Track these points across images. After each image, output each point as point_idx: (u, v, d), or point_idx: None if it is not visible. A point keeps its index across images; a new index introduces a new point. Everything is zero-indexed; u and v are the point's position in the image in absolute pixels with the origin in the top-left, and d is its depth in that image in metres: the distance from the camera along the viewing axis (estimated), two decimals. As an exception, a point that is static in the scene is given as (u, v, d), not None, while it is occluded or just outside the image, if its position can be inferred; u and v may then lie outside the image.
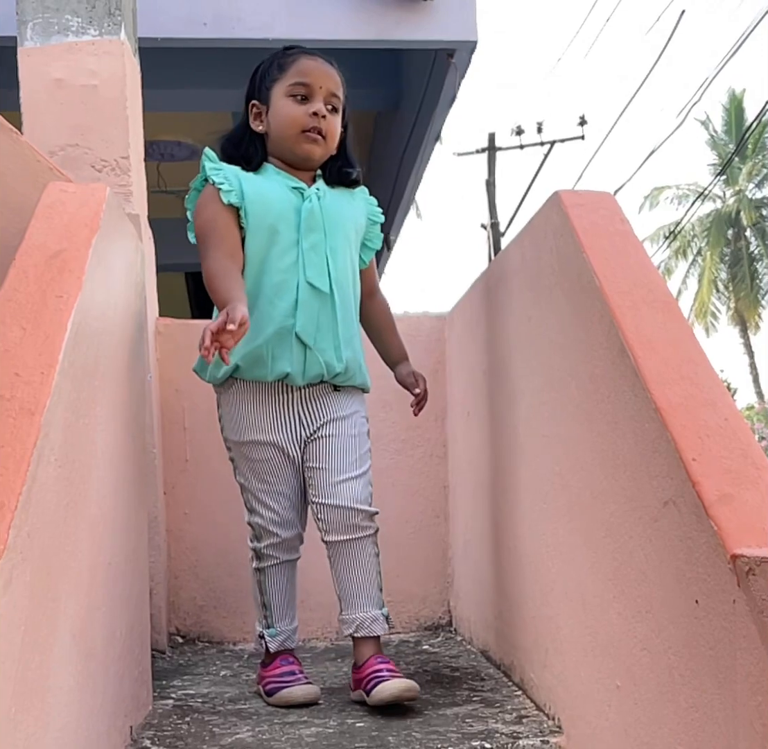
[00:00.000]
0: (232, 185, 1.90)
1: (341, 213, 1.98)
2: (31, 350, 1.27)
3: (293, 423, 1.97)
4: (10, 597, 1.03)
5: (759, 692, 1.02)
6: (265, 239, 1.91)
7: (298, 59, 1.96)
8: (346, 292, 1.98)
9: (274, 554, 2.03)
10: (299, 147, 1.94)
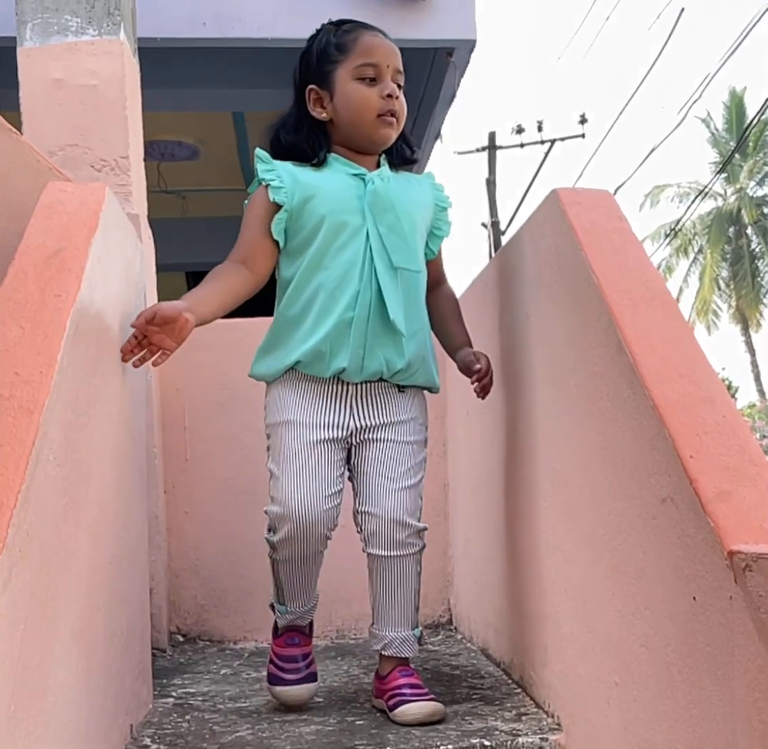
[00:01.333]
0: (283, 181, 1.80)
1: (407, 196, 1.87)
2: (30, 350, 1.27)
3: (344, 413, 1.84)
4: (9, 596, 1.03)
5: (757, 688, 1.02)
6: (323, 233, 1.80)
7: (360, 37, 1.82)
8: (414, 281, 1.86)
9: (292, 544, 1.82)
10: (376, 132, 1.82)
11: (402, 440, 1.85)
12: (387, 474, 1.83)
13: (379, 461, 1.84)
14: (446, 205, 1.98)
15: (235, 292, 1.82)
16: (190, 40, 3.62)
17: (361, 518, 1.85)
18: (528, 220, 1.93)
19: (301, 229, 1.81)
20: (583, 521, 1.61)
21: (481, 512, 2.41)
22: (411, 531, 1.83)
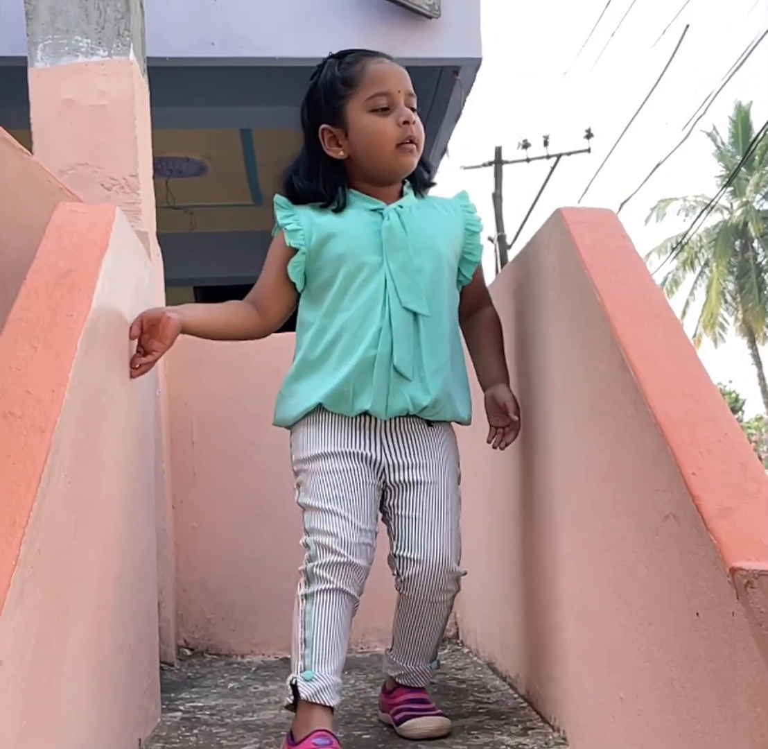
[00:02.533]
0: (300, 224, 1.76)
1: (428, 227, 1.80)
2: (42, 369, 1.29)
3: (375, 447, 1.76)
4: (21, 612, 1.05)
5: (758, 704, 1.03)
6: (342, 274, 1.74)
7: (366, 66, 1.75)
8: (436, 315, 1.77)
9: (328, 576, 1.66)
10: (397, 163, 1.76)
11: (438, 481, 1.79)
12: (427, 518, 1.76)
13: (418, 504, 1.76)
14: (477, 228, 1.89)
15: (232, 318, 1.80)
16: (198, 60, 3.66)
17: (400, 563, 1.76)
18: (532, 238, 1.95)
19: (321, 270, 1.77)
20: (588, 537, 1.62)
21: (487, 528, 2.42)
22: (452, 577, 1.78)
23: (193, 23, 3.59)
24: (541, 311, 1.89)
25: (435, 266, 1.78)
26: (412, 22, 3.64)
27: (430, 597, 1.77)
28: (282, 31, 3.66)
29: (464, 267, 1.87)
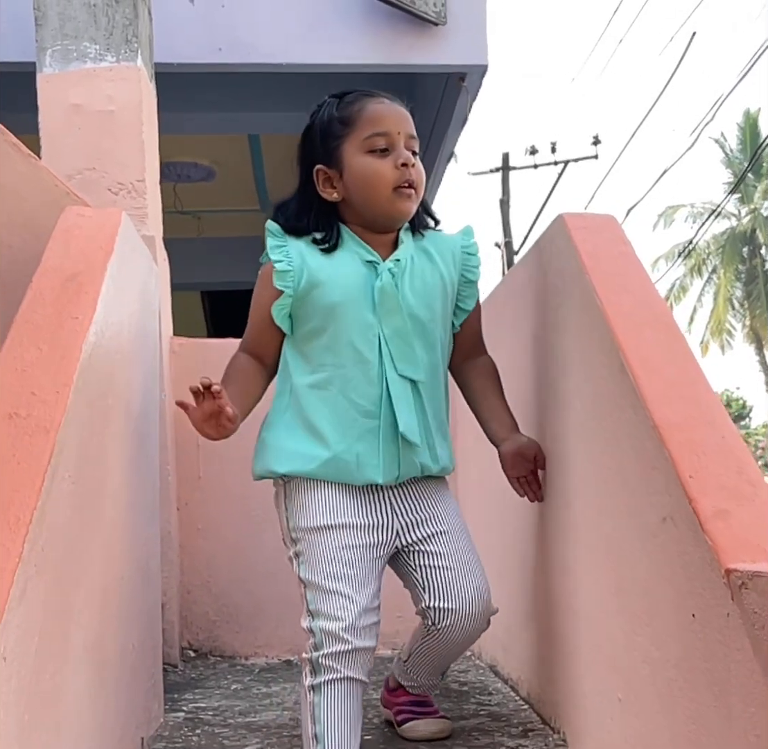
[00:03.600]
0: (291, 263, 1.64)
1: (424, 285, 1.69)
2: (47, 370, 1.31)
3: (385, 510, 1.67)
4: (24, 608, 1.07)
5: (752, 703, 1.04)
6: (335, 325, 1.63)
7: (365, 106, 1.65)
8: (433, 378, 1.70)
9: (336, 666, 1.56)
10: (394, 208, 1.64)
11: (453, 527, 1.72)
12: (456, 566, 1.68)
13: (445, 553, 1.69)
14: (474, 277, 1.77)
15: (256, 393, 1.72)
16: (206, 65, 3.68)
17: (436, 614, 1.68)
18: (535, 244, 1.97)
19: (309, 317, 1.65)
20: (588, 540, 1.63)
21: (489, 531, 2.43)
22: (486, 617, 1.72)
23: (201, 29, 3.61)
24: (543, 315, 1.91)
25: (430, 327, 1.69)
26: (419, 28, 3.66)
27: (466, 638, 1.72)
28: (289, 38, 3.67)
29: (455, 316, 1.77)
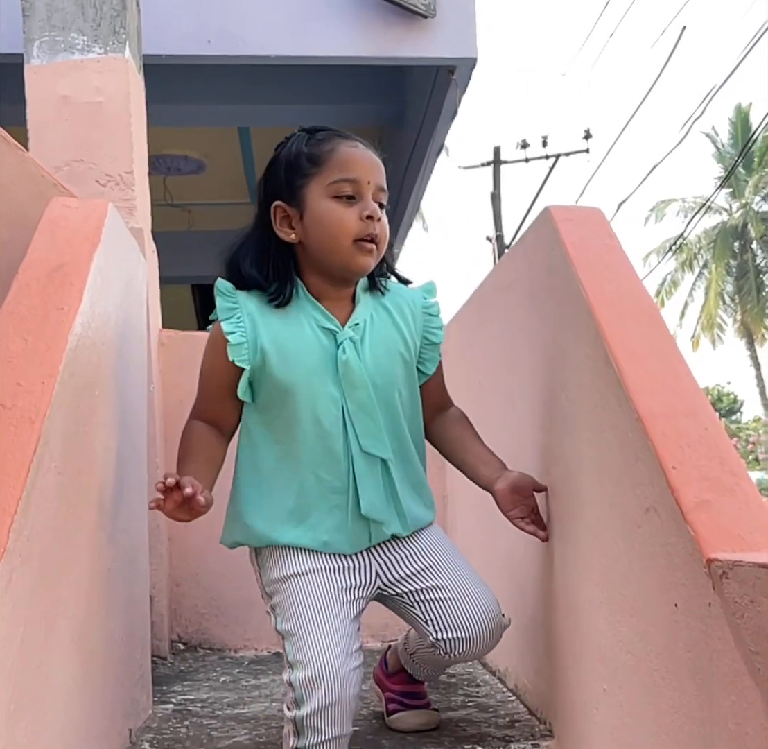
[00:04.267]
0: (244, 334, 1.55)
1: (386, 350, 1.62)
2: (33, 361, 1.31)
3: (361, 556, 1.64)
4: (9, 598, 1.07)
5: (733, 692, 1.05)
6: (294, 401, 1.55)
7: (337, 147, 1.56)
8: (404, 445, 1.64)
9: (320, 726, 1.47)
10: (352, 261, 1.55)
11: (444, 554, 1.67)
12: (458, 593, 1.63)
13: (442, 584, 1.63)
14: (437, 339, 1.70)
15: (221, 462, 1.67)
16: (195, 57, 3.67)
17: (448, 645, 1.62)
18: (522, 236, 1.97)
19: (269, 389, 1.58)
20: (573, 531, 1.64)
21: (478, 524, 2.44)
22: (500, 634, 1.67)
23: (190, 21, 3.61)
24: (530, 308, 1.91)
25: (394, 396, 1.62)
26: (408, 21, 3.66)
27: (481, 655, 1.69)
28: (278, 30, 3.67)
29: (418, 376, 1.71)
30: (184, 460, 1.61)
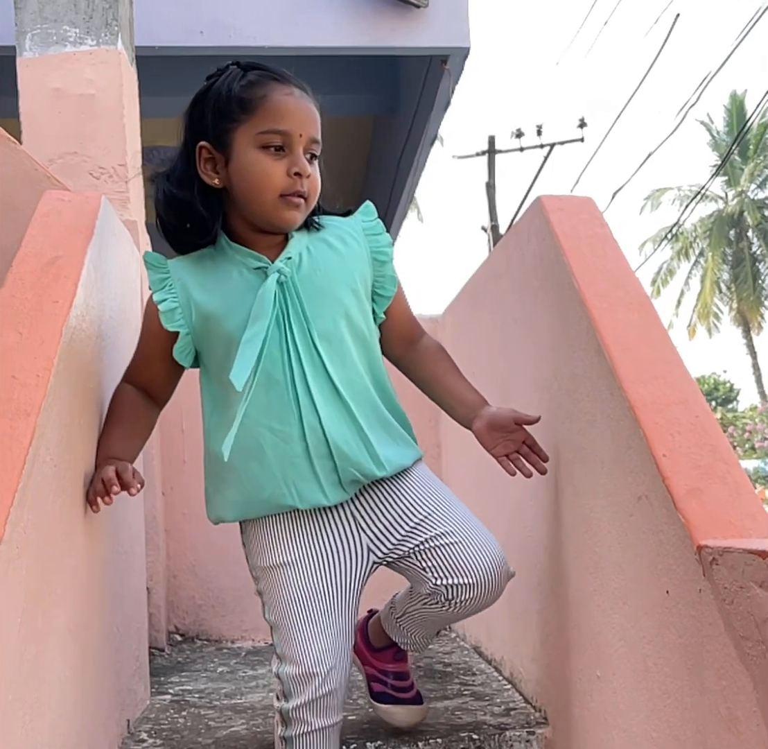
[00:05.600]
0: (176, 300, 1.50)
1: (330, 283, 1.51)
2: (28, 354, 1.32)
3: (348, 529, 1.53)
4: (7, 589, 1.08)
5: (724, 677, 1.06)
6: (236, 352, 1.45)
7: (270, 94, 1.45)
8: (358, 376, 1.52)
9: (308, 718, 1.47)
10: (276, 215, 1.47)
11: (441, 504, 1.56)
12: (460, 540, 1.51)
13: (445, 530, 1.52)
14: (386, 257, 1.58)
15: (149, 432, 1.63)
16: (187, 49, 3.67)
17: (450, 591, 1.50)
18: (514, 226, 1.98)
19: (212, 350, 1.51)
20: (566, 519, 1.65)
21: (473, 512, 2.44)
22: (506, 583, 1.55)
23: (182, 12, 3.60)
24: (523, 298, 1.92)
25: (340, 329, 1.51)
26: (401, 11, 3.65)
27: (482, 607, 1.55)
28: (271, 21, 3.67)
29: (376, 304, 1.60)
30: (109, 426, 1.58)
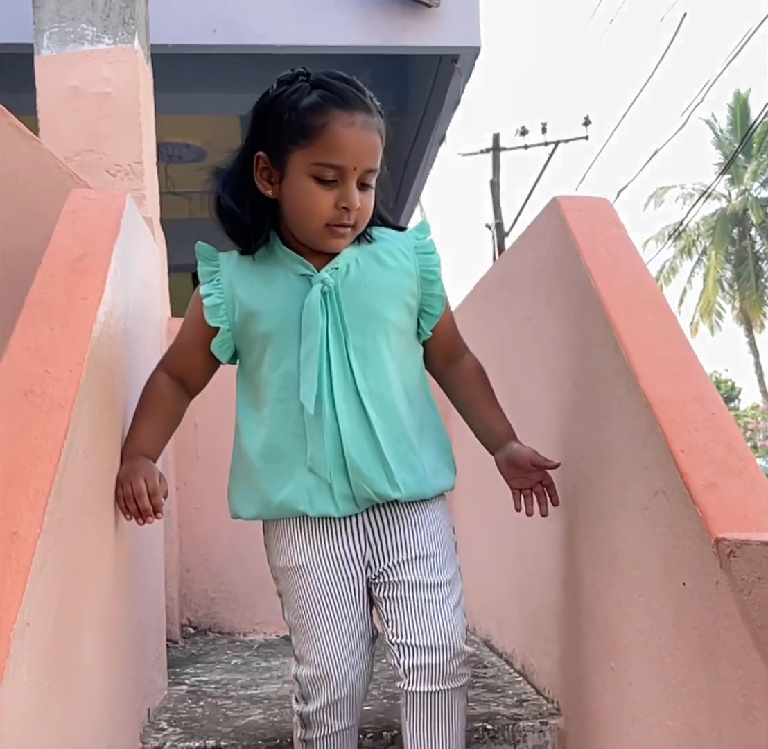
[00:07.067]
0: (221, 295, 1.52)
1: (375, 296, 1.51)
2: (60, 349, 1.35)
3: (357, 537, 1.52)
4: (44, 578, 1.11)
5: (740, 666, 1.09)
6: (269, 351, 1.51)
7: (329, 124, 1.41)
8: (390, 394, 1.51)
9: (327, 720, 1.49)
10: (321, 242, 1.48)
11: (434, 552, 1.54)
12: (426, 596, 1.49)
13: (414, 582, 1.50)
14: (434, 277, 1.57)
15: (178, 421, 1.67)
16: (201, 47, 3.70)
17: (399, 651, 1.48)
18: (529, 226, 2.01)
19: (250, 350, 1.54)
20: (582, 515, 1.68)
21: (481, 507, 2.48)
22: (461, 660, 1.49)
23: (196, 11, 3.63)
24: (537, 297, 1.95)
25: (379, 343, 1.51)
26: (412, 10, 3.68)
27: (436, 686, 1.47)
28: (283, 20, 3.69)
29: (423, 321, 1.59)
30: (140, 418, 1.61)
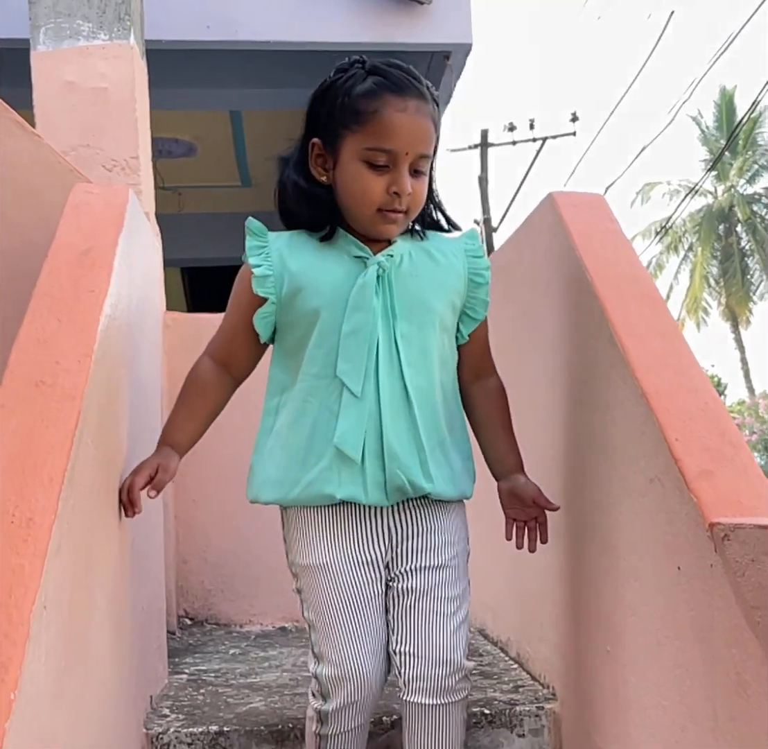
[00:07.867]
0: (271, 268, 1.50)
1: (426, 287, 1.52)
2: (68, 341, 1.37)
3: (381, 537, 1.51)
4: (59, 563, 1.14)
5: (734, 645, 1.13)
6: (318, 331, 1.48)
7: (381, 110, 1.42)
8: (430, 386, 1.51)
9: (345, 719, 1.50)
10: (373, 228, 1.49)
11: (447, 564, 1.52)
12: (432, 607, 1.49)
13: (423, 592, 1.50)
14: (483, 280, 1.58)
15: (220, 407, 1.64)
16: (194, 43, 3.72)
17: (400, 660, 1.49)
18: (525, 221, 2.04)
19: (294, 326, 1.51)
20: (579, 503, 1.72)
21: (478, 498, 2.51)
22: (461, 675, 1.49)
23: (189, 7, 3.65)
24: (533, 291, 1.98)
25: (428, 328, 1.52)
26: (405, 7, 3.71)
27: (438, 699, 1.48)
28: (276, 17, 3.71)
29: (463, 324, 1.59)
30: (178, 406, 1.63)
